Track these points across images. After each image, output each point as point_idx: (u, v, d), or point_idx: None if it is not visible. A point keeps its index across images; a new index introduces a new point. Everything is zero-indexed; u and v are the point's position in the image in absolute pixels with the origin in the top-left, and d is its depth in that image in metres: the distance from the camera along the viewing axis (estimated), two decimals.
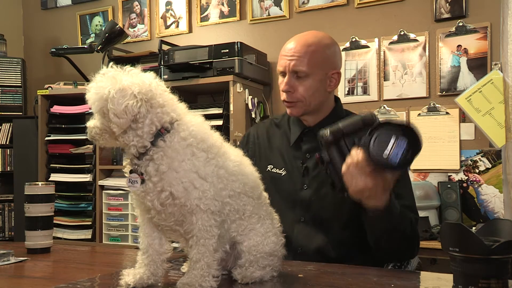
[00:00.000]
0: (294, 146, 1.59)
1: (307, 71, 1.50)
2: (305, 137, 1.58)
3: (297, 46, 1.51)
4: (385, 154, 1.12)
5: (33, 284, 1.21)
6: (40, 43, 4.26)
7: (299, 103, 1.53)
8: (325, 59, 1.54)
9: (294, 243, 1.48)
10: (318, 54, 1.52)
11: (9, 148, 3.61)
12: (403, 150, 1.12)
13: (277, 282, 1.14)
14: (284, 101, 1.55)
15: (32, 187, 1.54)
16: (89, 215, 3.34)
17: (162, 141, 1.01)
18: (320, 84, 1.53)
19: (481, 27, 2.78)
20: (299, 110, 1.55)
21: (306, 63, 1.50)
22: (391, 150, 1.12)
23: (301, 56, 1.50)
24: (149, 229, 1.11)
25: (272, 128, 1.69)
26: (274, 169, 1.59)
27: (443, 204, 2.76)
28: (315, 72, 1.51)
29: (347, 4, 3.13)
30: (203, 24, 3.61)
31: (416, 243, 1.45)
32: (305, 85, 1.51)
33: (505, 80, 2.36)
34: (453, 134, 2.82)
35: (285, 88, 1.52)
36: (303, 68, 1.50)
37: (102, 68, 1.03)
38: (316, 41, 1.53)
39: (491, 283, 0.84)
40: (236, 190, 1.09)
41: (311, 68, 1.50)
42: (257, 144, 1.67)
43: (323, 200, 1.49)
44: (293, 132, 1.61)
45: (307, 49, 1.51)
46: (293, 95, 1.52)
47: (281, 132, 1.66)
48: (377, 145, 1.13)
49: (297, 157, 1.57)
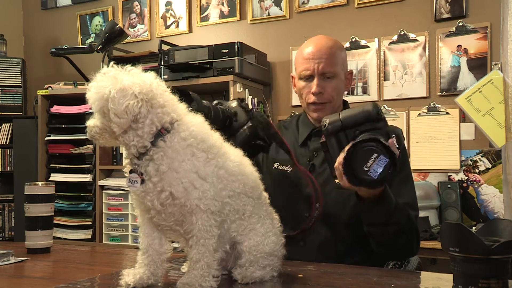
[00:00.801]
0: (302, 145, 1.63)
1: (335, 71, 1.57)
2: (314, 137, 1.62)
3: (320, 49, 1.57)
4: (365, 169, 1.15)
5: (33, 284, 1.21)
6: (40, 43, 4.26)
7: (328, 104, 1.59)
8: (343, 60, 1.63)
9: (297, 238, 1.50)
10: (338, 55, 1.60)
11: (9, 148, 3.60)
12: (383, 167, 1.14)
13: (277, 282, 1.14)
14: (313, 103, 1.59)
15: (32, 187, 1.54)
16: (89, 215, 3.34)
17: (162, 141, 1.01)
18: (343, 84, 1.62)
19: (481, 27, 2.78)
20: (327, 112, 1.57)
21: (333, 64, 1.57)
22: (371, 167, 1.15)
23: (327, 58, 1.56)
24: (149, 229, 1.11)
25: (281, 130, 1.73)
26: (281, 167, 1.62)
27: (443, 204, 2.76)
28: (340, 72, 1.60)
29: (347, 4, 3.13)
30: (203, 24, 3.61)
31: (415, 239, 1.46)
32: (333, 85, 1.58)
33: (505, 80, 2.36)
34: (453, 134, 2.82)
35: (316, 90, 1.56)
36: (332, 69, 1.56)
37: (102, 68, 1.03)
38: (333, 43, 1.61)
39: (491, 283, 0.84)
40: (236, 190, 1.09)
41: (336, 69, 1.58)
42: None
43: (328, 196, 1.51)
44: (302, 132, 1.66)
45: (330, 51, 1.58)
46: (323, 96, 1.57)
47: (289, 133, 1.70)
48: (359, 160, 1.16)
49: (304, 155, 1.61)
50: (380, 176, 1.15)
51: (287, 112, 3.22)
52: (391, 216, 1.34)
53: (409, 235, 1.42)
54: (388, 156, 1.14)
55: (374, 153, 1.15)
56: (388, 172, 1.15)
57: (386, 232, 1.37)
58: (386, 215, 1.34)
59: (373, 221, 1.37)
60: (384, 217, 1.34)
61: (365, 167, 1.15)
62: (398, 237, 1.39)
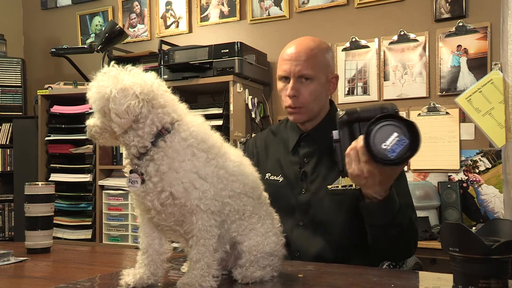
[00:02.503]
0: (292, 151, 1.59)
1: (313, 74, 1.50)
2: (303, 142, 1.58)
3: (300, 50, 1.50)
4: (384, 147, 1.13)
5: (33, 284, 1.21)
6: (40, 43, 4.26)
7: (303, 108, 1.52)
8: (326, 63, 1.54)
9: (293, 247, 1.49)
10: (320, 58, 1.52)
11: (9, 148, 3.61)
12: (402, 148, 1.12)
13: (277, 282, 1.14)
14: (288, 107, 1.53)
15: (32, 187, 1.54)
16: (89, 215, 3.34)
17: (163, 141, 1.01)
18: (322, 88, 1.54)
19: (481, 27, 2.78)
20: (303, 116, 1.54)
21: (311, 66, 1.49)
22: (390, 145, 1.12)
23: (306, 60, 1.49)
24: (149, 229, 1.11)
25: (269, 137, 1.69)
26: (272, 177, 1.59)
27: (443, 204, 2.76)
28: (319, 76, 1.52)
29: (347, 4, 3.13)
30: (203, 24, 3.61)
31: (414, 241, 1.45)
32: (310, 89, 1.50)
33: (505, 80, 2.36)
34: (453, 134, 2.82)
35: (291, 93, 1.50)
36: (309, 72, 1.49)
37: (102, 68, 1.03)
38: (316, 45, 1.53)
39: (491, 283, 0.84)
40: (236, 190, 1.09)
41: (316, 72, 1.50)
42: (255, 153, 1.68)
43: (321, 203, 1.50)
44: (291, 138, 1.61)
45: (311, 53, 1.50)
46: (298, 100, 1.51)
47: (277, 139, 1.66)
48: (379, 136, 1.13)
49: (295, 163, 1.57)
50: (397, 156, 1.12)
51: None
52: (395, 217, 1.32)
53: (410, 237, 1.41)
54: (409, 137, 1.12)
55: (395, 132, 1.12)
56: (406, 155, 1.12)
57: (388, 233, 1.35)
58: (391, 216, 1.31)
59: (378, 222, 1.34)
60: (389, 218, 1.31)
61: (384, 144, 1.12)
62: (400, 238, 1.37)
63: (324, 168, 1.52)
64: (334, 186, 1.49)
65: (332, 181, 1.50)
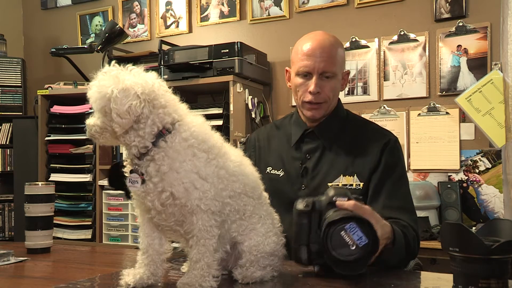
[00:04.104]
0: (295, 147, 1.58)
1: (335, 71, 1.50)
2: (307, 138, 1.58)
3: (323, 46, 1.49)
4: (351, 247, 1.05)
5: (33, 284, 1.21)
6: (40, 43, 4.26)
7: (324, 104, 1.52)
8: (342, 59, 1.56)
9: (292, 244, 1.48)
10: (339, 54, 1.53)
11: (9, 148, 3.60)
12: (361, 233, 1.04)
13: (278, 282, 1.14)
14: (309, 102, 1.51)
15: (32, 187, 1.54)
16: (89, 215, 3.34)
17: (164, 141, 1.01)
18: (339, 85, 1.56)
19: (481, 27, 2.78)
20: (322, 112, 1.53)
21: (334, 63, 1.50)
22: (353, 242, 1.04)
23: (329, 57, 1.49)
24: (149, 229, 1.11)
25: (273, 130, 1.69)
26: (273, 171, 1.58)
27: (443, 204, 2.75)
28: (339, 72, 1.53)
29: (347, 4, 3.13)
30: (203, 24, 3.61)
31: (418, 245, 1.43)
32: (331, 85, 1.51)
33: (505, 80, 2.36)
34: (453, 134, 2.82)
35: (315, 90, 1.48)
36: (332, 69, 1.49)
37: (102, 67, 1.03)
38: (334, 41, 1.53)
39: (491, 283, 0.84)
40: (237, 190, 1.09)
41: (337, 68, 1.51)
42: (257, 147, 1.67)
43: None
44: (295, 133, 1.60)
45: (332, 49, 1.50)
46: (320, 96, 1.50)
47: (281, 134, 1.65)
48: (336, 243, 1.05)
49: (297, 158, 1.57)
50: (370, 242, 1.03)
51: (287, 112, 3.19)
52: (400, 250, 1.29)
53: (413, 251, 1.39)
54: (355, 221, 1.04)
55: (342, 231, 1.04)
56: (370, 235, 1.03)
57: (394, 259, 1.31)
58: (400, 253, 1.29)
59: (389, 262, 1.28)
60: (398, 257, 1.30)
61: (349, 248, 1.04)
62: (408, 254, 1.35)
63: (326, 165, 1.52)
64: (335, 183, 1.48)
65: (333, 178, 1.49)
